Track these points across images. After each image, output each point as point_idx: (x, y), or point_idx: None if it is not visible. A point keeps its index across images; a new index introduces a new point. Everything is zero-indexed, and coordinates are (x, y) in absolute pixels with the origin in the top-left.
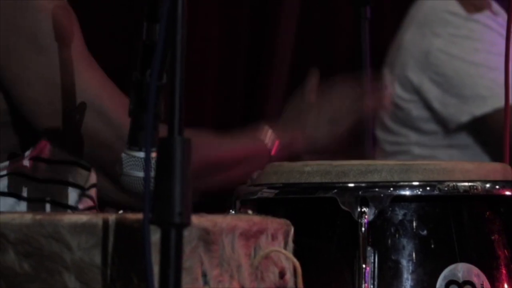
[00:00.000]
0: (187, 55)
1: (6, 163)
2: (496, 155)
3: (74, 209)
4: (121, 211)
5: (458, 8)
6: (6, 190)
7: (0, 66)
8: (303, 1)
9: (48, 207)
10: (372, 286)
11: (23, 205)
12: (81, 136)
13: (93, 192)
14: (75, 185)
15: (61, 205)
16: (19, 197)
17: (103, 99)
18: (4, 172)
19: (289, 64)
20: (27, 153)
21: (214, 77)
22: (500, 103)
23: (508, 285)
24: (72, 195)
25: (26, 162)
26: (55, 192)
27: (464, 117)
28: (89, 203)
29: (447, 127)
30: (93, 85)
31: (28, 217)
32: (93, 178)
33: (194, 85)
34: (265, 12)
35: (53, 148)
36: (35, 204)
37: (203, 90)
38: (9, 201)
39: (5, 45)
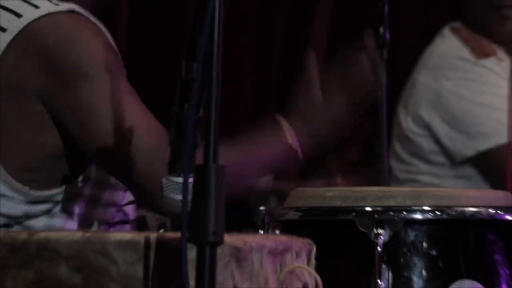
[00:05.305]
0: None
1: (63, 187)
2: (496, 185)
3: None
4: (161, 230)
5: (467, 54)
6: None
7: (52, 103)
8: (329, 43)
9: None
10: None
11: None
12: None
13: (130, 208)
14: (113, 204)
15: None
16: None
17: (140, 129)
18: (61, 196)
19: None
20: (80, 178)
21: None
22: (502, 140)
23: None
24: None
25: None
26: (101, 212)
27: (470, 152)
28: (122, 217)
29: (454, 160)
30: (134, 117)
31: (79, 234)
32: (129, 195)
33: (228, 102)
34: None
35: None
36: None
37: (238, 106)
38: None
39: (52, 81)
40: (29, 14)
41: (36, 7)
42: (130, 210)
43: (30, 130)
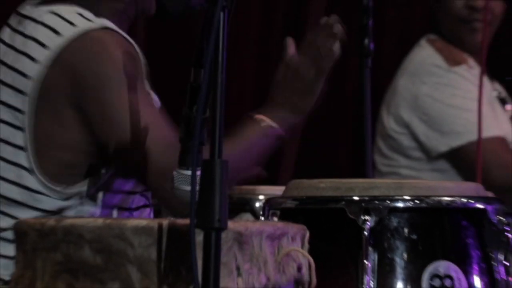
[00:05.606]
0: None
1: (90, 178)
2: (467, 177)
3: (132, 210)
4: (172, 218)
5: (441, 62)
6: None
7: (80, 108)
8: None
9: (115, 212)
10: (372, 279)
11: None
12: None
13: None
14: (133, 192)
15: (126, 209)
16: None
17: (153, 129)
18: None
19: None
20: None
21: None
22: (472, 137)
23: (479, 278)
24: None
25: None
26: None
27: (443, 148)
28: (143, 201)
29: (430, 155)
30: (148, 118)
31: (100, 221)
32: None
33: (232, 104)
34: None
35: None
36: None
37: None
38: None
39: (78, 89)
40: (67, 32)
41: (72, 24)
42: (149, 195)
43: (64, 132)
